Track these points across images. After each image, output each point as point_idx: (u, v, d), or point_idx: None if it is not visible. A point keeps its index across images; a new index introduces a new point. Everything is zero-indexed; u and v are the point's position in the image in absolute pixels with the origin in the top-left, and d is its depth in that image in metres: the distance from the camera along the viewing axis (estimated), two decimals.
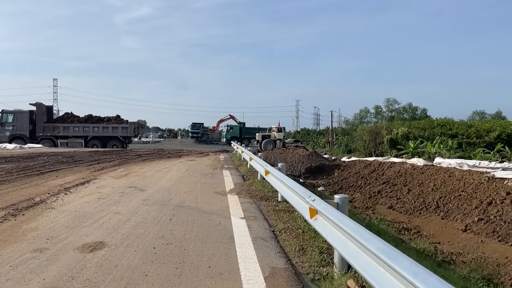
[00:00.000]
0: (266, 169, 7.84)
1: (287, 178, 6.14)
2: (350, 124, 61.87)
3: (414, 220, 12.69)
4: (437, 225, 11.90)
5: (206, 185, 9.71)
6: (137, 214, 6.20)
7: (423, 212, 12.85)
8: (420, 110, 61.69)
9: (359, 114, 64.03)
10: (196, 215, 6.26)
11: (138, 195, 8.00)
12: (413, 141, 22.77)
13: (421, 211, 12.92)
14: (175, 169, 13.62)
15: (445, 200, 12.79)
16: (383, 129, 28.27)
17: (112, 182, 9.83)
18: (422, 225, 12.20)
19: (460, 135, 23.98)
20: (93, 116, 29.85)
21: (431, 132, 25.40)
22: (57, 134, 28.28)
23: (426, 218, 12.57)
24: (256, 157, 10.81)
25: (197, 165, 15.40)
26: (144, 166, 14.23)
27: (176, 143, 55.32)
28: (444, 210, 12.13)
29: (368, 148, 29.17)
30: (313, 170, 21.66)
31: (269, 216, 6.39)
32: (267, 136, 39.10)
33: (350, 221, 3.39)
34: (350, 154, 35.90)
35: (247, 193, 8.51)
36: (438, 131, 25.18)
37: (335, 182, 19.37)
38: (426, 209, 12.73)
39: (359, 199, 15.70)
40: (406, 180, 15.90)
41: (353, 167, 21.63)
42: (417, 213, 12.92)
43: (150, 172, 12.23)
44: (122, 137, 29.18)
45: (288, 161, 23.44)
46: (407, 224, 12.14)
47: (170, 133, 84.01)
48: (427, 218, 12.57)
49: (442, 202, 12.77)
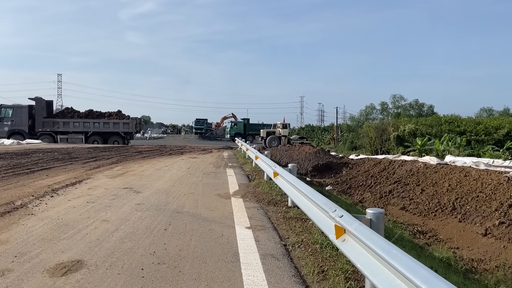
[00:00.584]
0: (274, 171, 7.00)
1: (303, 184, 5.30)
2: (355, 120, 61.26)
3: (429, 223, 11.99)
4: (454, 228, 11.21)
5: (208, 186, 8.91)
6: (127, 223, 5.40)
7: (439, 214, 12.14)
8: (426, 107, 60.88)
9: (364, 111, 63.39)
10: (195, 224, 5.46)
11: (132, 198, 7.21)
12: (421, 138, 22.18)
13: (436, 213, 12.22)
14: (175, 167, 12.83)
15: (461, 201, 12.09)
16: (390, 126, 27.88)
17: (106, 182, 9.04)
18: (438, 228, 11.55)
19: (468, 132, 23.53)
20: (94, 111, 29.08)
21: (439, 129, 25.02)
22: (57, 130, 27.54)
23: (442, 220, 11.85)
24: (263, 156, 9.98)
25: (200, 163, 14.60)
26: (143, 164, 13.45)
27: (179, 139, 54.56)
28: (461, 212, 11.46)
29: (374, 145, 28.81)
30: (320, 168, 20.88)
31: (279, 225, 5.57)
32: (272, 133, 38.27)
33: (391, 246, 2.58)
34: (356, 151, 34.75)
35: (253, 196, 7.69)
36: (446, 128, 24.77)
37: (344, 181, 18.60)
38: (442, 211, 12.10)
39: (369, 199, 14.96)
40: (418, 180, 15.19)
41: (362, 165, 20.85)
42: (432, 215, 12.23)
43: (148, 171, 11.44)
44: (123, 133, 28.39)
45: (294, 159, 22.63)
46: (422, 227, 11.49)
47: (174, 129, 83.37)
48: (443, 220, 11.86)
49: (458, 204, 12.02)
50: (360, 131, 36.55)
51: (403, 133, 25.53)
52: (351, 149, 37.82)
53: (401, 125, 26.55)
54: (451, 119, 26.54)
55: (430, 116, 34.01)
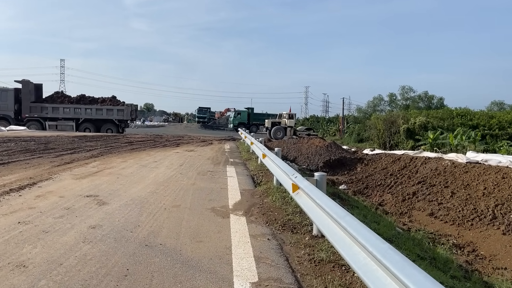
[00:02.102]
0: (295, 183, 4.74)
1: (353, 220, 3.07)
2: (362, 112, 59.45)
3: (465, 234, 10.03)
4: (497, 243, 9.29)
5: (201, 194, 6.74)
6: (57, 270, 3.25)
7: (476, 223, 10.21)
8: (436, 99, 58.80)
9: (372, 102, 61.54)
10: (169, 276, 3.30)
11: (90, 214, 5.05)
12: (432, 132, 21.39)
13: (472, 222, 10.30)
14: (166, 164, 10.65)
15: (503, 209, 10.23)
16: (399, 118, 26.95)
17: (67, 185, 6.88)
18: (477, 241, 9.60)
19: (481, 126, 22.92)
20: (86, 97, 26.81)
21: (451, 122, 24.48)
22: (45, 116, 25.37)
23: (482, 232, 9.91)
24: (272, 155, 7.75)
25: (196, 158, 12.41)
26: (128, 159, 11.27)
27: (180, 128, 52.32)
28: (505, 222, 9.60)
29: (382, 137, 28.07)
30: (333, 164, 18.80)
31: (304, 279, 3.40)
32: (277, 123, 36.08)
33: None
34: (363, 143, 34.72)
35: (261, 212, 5.53)
36: (458, 121, 24.24)
37: (359, 179, 16.57)
38: (480, 220, 10.27)
39: (391, 202, 12.93)
40: (446, 180, 13.19)
41: (379, 161, 18.77)
42: (468, 224, 10.28)
43: (130, 169, 9.27)
44: (117, 120, 26.15)
45: (304, 153, 20.52)
46: (457, 239, 9.60)
47: (176, 117, 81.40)
48: (482, 232, 9.91)
49: (499, 212, 10.08)
50: (367, 123, 35.94)
51: (414, 126, 24.62)
52: (357, 141, 37.31)
53: (412, 118, 25.65)
54: (463, 112, 25.79)
55: (441, 109, 33.13)
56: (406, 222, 10.92)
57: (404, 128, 25.12)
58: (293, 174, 4.81)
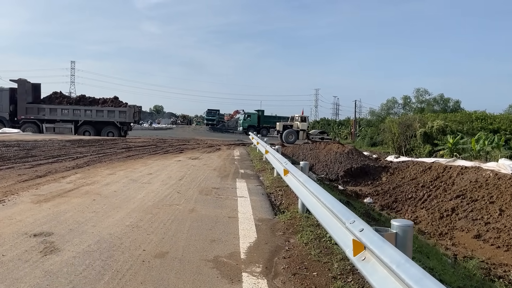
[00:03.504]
0: (358, 240, 2.68)
1: None
2: (376, 115, 57.44)
3: None
4: None
5: (200, 229, 4.78)
6: None
7: None
8: (452, 102, 56.32)
9: (386, 105, 59.49)
10: None
11: (17, 277, 3.12)
12: (452, 136, 20.66)
13: None
14: (162, 177, 8.70)
15: None
16: (416, 122, 26.06)
17: (16, 214, 4.96)
18: None
19: (502, 131, 22.06)
20: (86, 97, 25.05)
21: (470, 126, 23.72)
22: (42, 118, 23.66)
23: None
24: (297, 171, 5.72)
25: (199, 169, 10.46)
26: (117, 170, 9.36)
27: (188, 130, 50.53)
28: None
29: (397, 141, 27.34)
30: (354, 173, 16.82)
31: None
32: (289, 126, 34.08)
33: None
34: (376, 147, 33.97)
35: (290, 269, 3.54)
36: (478, 125, 23.57)
37: (385, 190, 14.57)
38: None
39: (426, 220, 11.03)
40: (491, 195, 11.28)
41: (406, 170, 16.75)
42: None
43: (115, 185, 7.33)
44: (119, 122, 24.33)
45: (322, 160, 18.48)
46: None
47: (184, 120, 79.84)
48: None
49: None
50: (381, 126, 34.98)
51: (431, 130, 23.78)
52: (370, 145, 36.42)
53: (429, 121, 24.85)
54: (483, 116, 25.07)
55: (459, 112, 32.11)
56: (448, 245, 9.07)
57: (421, 132, 24.08)
58: (351, 221, 2.78)
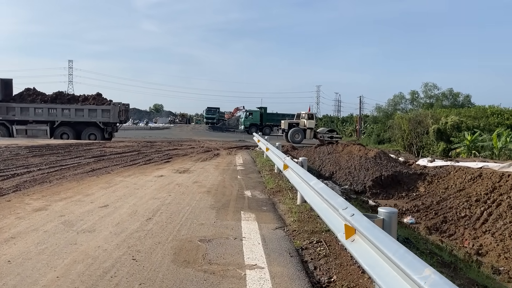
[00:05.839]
0: None
1: None
2: (382, 111, 54.61)
3: None
4: None
5: None
6: None
7: None
8: (462, 97, 53.13)
9: (392, 100, 56.61)
10: None
11: None
12: (469, 133, 19.72)
13: None
14: (121, 214, 5.35)
15: None
16: (428, 118, 25.10)
17: None
18: None
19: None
20: (64, 94, 21.65)
21: (487, 122, 22.92)
22: (12, 118, 20.34)
23: None
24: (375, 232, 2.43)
25: (186, 193, 7.08)
26: (55, 200, 6.00)
27: (186, 130, 46.96)
28: None
29: (407, 139, 26.37)
30: (385, 183, 13.37)
31: None
32: (295, 124, 30.73)
33: None
34: (383, 144, 32.89)
35: None
36: (494, 120, 22.85)
37: (427, 206, 11.25)
38: None
39: (495, 250, 8.02)
40: None
41: (448, 178, 13.32)
42: None
43: (24, 242, 4.00)
44: (102, 123, 20.96)
45: (343, 167, 14.99)
46: None
47: (183, 118, 76.56)
48: None
49: None
50: (388, 123, 34.20)
51: (445, 126, 22.82)
52: (377, 143, 35.53)
53: (442, 117, 23.96)
54: (498, 111, 24.24)
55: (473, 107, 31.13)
56: None
57: (434, 129, 23.04)
58: None
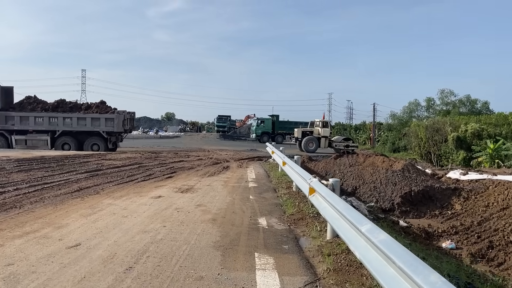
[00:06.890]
0: None
1: None
2: (397, 118, 53.05)
3: None
4: None
5: None
6: None
7: None
8: (480, 103, 51.09)
9: (408, 107, 55.04)
10: None
11: None
12: (492, 141, 19.56)
13: None
14: (92, 259, 3.93)
15: None
16: (447, 125, 24.65)
17: None
18: None
19: None
20: (66, 102, 20.51)
21: (509, 129, 22.31)
22: (11, 128, 19.25)
23: None
24: None
25: (185, 223, 5.63)
26: (12, 237, 4.63)
27: (197, 138, 45.72)
28: None
29: (424, 147, 25.78)
30: (415, 199, 11.59)
31: None
32: (309, 133, 29.12)
33: None
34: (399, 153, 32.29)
35: None
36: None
37: (467, 227, 9.56)
38: None
39: None
40: None
41: (487, 194, 11.59)
42: None
43: None
44: (105, 132, 19.76)
45: (367, 181, 13.28)
46: None
47: (194, 127, 75.75)
48: None
49: None
50: (404, 131, 33.87)
51: (465, 134, 22.46)
52: (392, 151, 34.95)
53: (462, 125, 23.49)
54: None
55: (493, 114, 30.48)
56: None
57: (454, 137, 22.72)
58: None
